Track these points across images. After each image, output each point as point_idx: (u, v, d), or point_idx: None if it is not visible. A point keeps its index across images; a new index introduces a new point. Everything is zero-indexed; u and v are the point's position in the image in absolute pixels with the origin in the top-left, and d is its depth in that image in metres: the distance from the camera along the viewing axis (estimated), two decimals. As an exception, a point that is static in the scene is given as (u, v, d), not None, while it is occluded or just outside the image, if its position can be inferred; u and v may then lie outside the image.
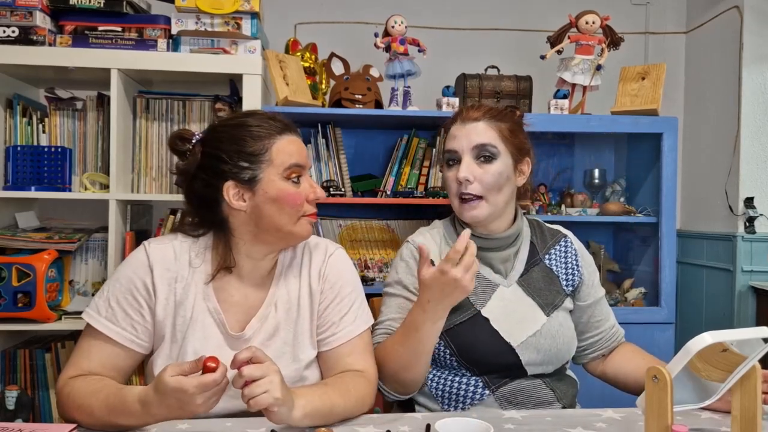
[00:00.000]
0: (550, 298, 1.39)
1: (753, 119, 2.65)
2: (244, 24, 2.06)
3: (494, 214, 1.37)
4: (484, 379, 1.33)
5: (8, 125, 2.10)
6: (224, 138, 1.19)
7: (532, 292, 1.39)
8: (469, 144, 1.35)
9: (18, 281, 1.90)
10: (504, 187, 1.36)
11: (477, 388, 1.32)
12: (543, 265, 1.43)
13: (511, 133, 1.37)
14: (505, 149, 1.36)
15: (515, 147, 1.38)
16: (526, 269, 1.41)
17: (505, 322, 1.34)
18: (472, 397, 1.32)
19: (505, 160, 1.36)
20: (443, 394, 1.34)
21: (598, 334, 1.47)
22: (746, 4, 2.63)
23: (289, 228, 1.20)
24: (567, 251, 1.46)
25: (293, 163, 1.19)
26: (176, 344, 1.19)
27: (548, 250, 1.45)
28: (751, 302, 2.60)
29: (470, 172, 1.33)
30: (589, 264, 1.48)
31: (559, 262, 1.44)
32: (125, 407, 1.04)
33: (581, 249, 1.49)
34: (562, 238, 1.48)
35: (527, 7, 2.95)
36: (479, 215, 1.35)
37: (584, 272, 1.45)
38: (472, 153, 1.35)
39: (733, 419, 1.01)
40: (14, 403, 1.84)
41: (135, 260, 1.22)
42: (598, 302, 1.47)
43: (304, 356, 1.23)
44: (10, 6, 1.94)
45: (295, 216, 1.20)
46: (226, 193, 1.17)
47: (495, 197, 1.35)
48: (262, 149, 1.17)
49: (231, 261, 1.22)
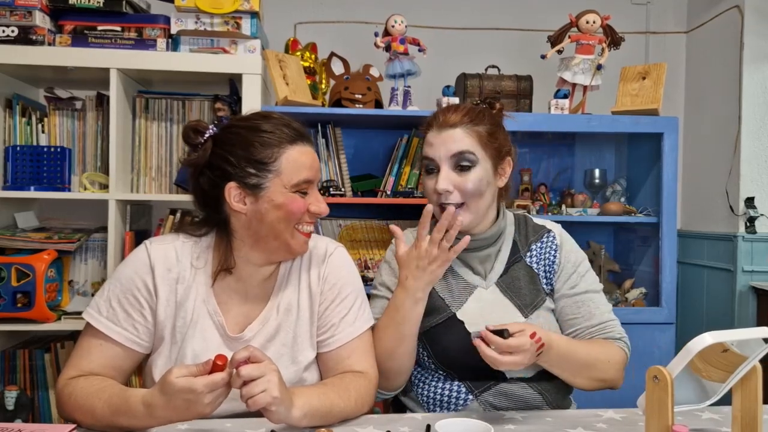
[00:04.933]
0: (529, 299, 1.35)
1: (754, 119, 2.65)
2: (244, 24, 2.06)
3: (476, 219, 1.34)
4: (466, 384, 1.31)
5: (8, 125, 2.09)
6: (235, 140, 1.17)
7: (511, 293, 1.35)
8: (446, 152, 1.30)
9: (17, 281, 1.89)
10: (485, 193, 1.33)
11: (460, 393, 1.31)
12: (524, 263, 1.39)
13: (490, 135, 1.33)
14: (484, 154, 1.32)
15: (495, 150, 1.33)
16: (506, 269, 1.38)
17: (481, 323, 1.27)
18: (456, 403, 1.31)
19: (485, 166, 1.32)
20: (428, 399, 1.33)
21: (577, 331, 1.35)
22: (747, 3, 2.63)
23: (286, 238, 1.18)
24: (548, 247, 1.40)
25: (303, 179, 1.17)
26: (176, 345, 1.19)
27: (529, 247, 1.41)
28: (751, 302, 2.60)
29: (449, 183, 1.30)
30: (569, 257, 1.39)
31: (540, 259, 1.39)
32: (128, 409, 1.03)
33: (565, 243, 1.41)
34: (545, 234, 1.42)
35: (527, 6, 2.94)
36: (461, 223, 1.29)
37: (560, 266, 1.38)
38: (450, 162, 1.31)
39: (733, 419, 1.01)
40: (14, 403, 1.84)
41: (136, 260, 1.22)
42: (574, 296, 1.36)
43: (302, 358, 1.23)
44: (10, 6, 1.94)
45: (291, 225, 1.18)
46: (227, 193, 1.16)
47: (476, 203, 1.32)
48: (271, 158, 1.16)
49: (231, 262, 1.22)
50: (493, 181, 1.34)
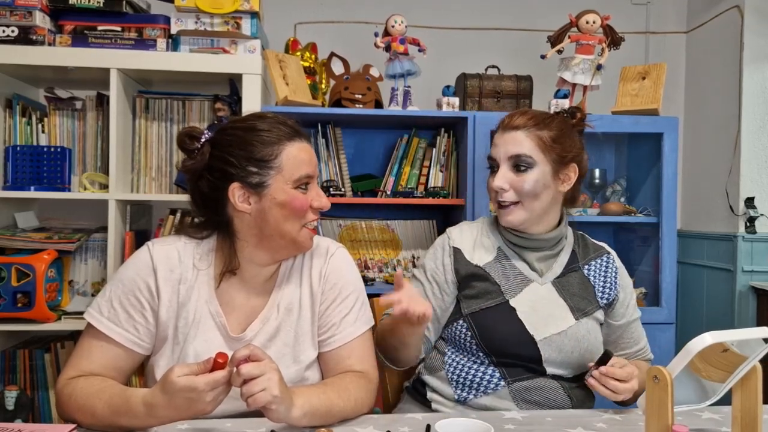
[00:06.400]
0: (582, 305, 1.39)
1: (753, 119, 2.65)
2: (244, 24, 2.06)
3: (531, 219, 1.38)
4: (501, 370, 1.33)
5: (8, 125, 2.09)
6: (233, 141, 1.18)
7: (566, 294, 1.39)
8: (505, 153, 1.37)
9: (17, 281, 1.89)
10: (542, 194, 1.37)
11: (493, 378, 1.33)
12: (581, 273, 1.43)
13: (555, 141, 1.37)
14: (544, 158, 1.36)
15: (557, 155, 1.37)
16: (563, 273, 1.42)
17: (533, 315, 1.35)
18: (486, 386, 1.32)
19: (543, 169, 1.36)
20: (458, 379, 1.35)
21: (623, 355, 1.45)
22: (747, 3, 2.63)
23: (293, 235, 1.20)
24: (608, 267, 1.47)
25: (303, 174, 1.18)
26: (178, 346, 1.19)
27: (588, 261, 1.46)
28: (751, 302, 2.60)
29: (505, 181, 1.36)
30: (627, 285, 1.47)
31: (598, 274, 1.44)
32: (129, 409, 1.04)
33: (622, 269, 1.49)
34: (605, 254, 1.49)
35: (527, 6, 2.94)
36: (514, 220, 1.38)
37: (621, 291, 1.45)
38: (509, 162, 1.37)
39: (733, 419, 1.01)
40: (14, 403, 1.84)
41: (138, 261, 1.22)
42: (630, 324, 1.46)
43: (304, 357, 1.23)
44: (10, 6, 1.94)
45: (299, 223, 1.19)
46: (231, 194, 1.17)
47: (531, 203, 1.37)
48: (272, 155, 1.17)
49: (236, 263, 1.22)
50: (552, 184, 1.38)
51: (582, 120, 1.47)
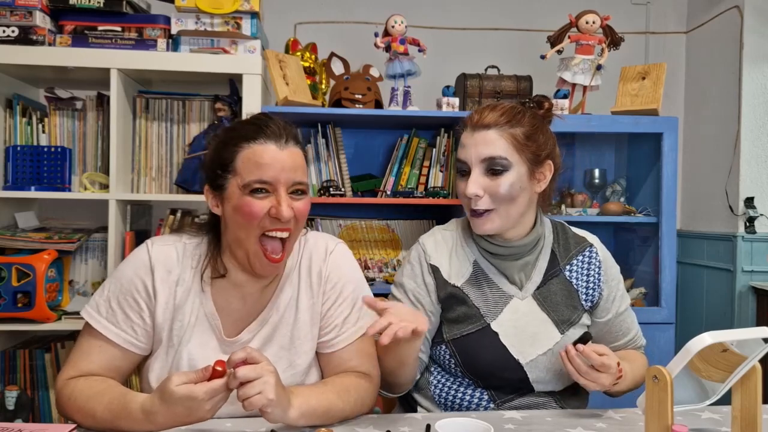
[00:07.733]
0: (566, 314, 1.32)
1: (753, 119, 2.65)
2: (244, 24, 2.06)
3: (507, 225, 1.29)
4: (489, 392, 1.30)
5: (8, 125, 2.09)
6: (213, 141, 1.20)
7: (548, 307, 1.31)
8: (477, 156, 1.25)
9: (18, 281, 1.89)
10: (518, 198, 1.26)
11: (481, 401, 1.30)
12: (562, 277, 1.34)
13: (528, 138, 1.26)
14: (519, 159, 1.25)
15: (532, 153, 1.27)
16: (544, 281, 1.34)
17: (516, 337, 1.28)
18: (476, 409, 1.29)
19: (519, 170, 1.25)
20: (446, 401, 1.32)
21: (613, 347, 1.37)
22: (747, 4, 2.63)
23: (247, 247, 1.13)
24: (591, 263, 1.37)
25: (254, 179, 1.10)
26: (172, 348, 1.18)
27: (570, 260, 1.36)
28: (751, 302, 2.60)
29: (479, 187, 1.24)
30: (612, 277, 1.38)
31: (580, 274, 1.35)
32: (128, 414, 1.03)
33: (606, 260, 1.39)
34: (587, 248, 1.38)
35: (527, 6, 2.94)
36: (490, 229, 1.28)
37: (605, 288, 1.36)
38: (481, 166, 1.25)
39: (733, 419, 1.01)
40: (14, 403, 1.84)
41: (137, 260, 1.21)
42: (619, 316, 1.38)
43: (300, 361, 1.21)
44: (10, 6, 1.94)
45: (252, 233, 1.12)
46: (206, 196, 1.18)
47: (507, 208, 1.26)
48: (231, 157, 1.12)
49: (222, 268, 1.20)
50: (528, 186, 1.28)
51: (550, 110, 1.35)
